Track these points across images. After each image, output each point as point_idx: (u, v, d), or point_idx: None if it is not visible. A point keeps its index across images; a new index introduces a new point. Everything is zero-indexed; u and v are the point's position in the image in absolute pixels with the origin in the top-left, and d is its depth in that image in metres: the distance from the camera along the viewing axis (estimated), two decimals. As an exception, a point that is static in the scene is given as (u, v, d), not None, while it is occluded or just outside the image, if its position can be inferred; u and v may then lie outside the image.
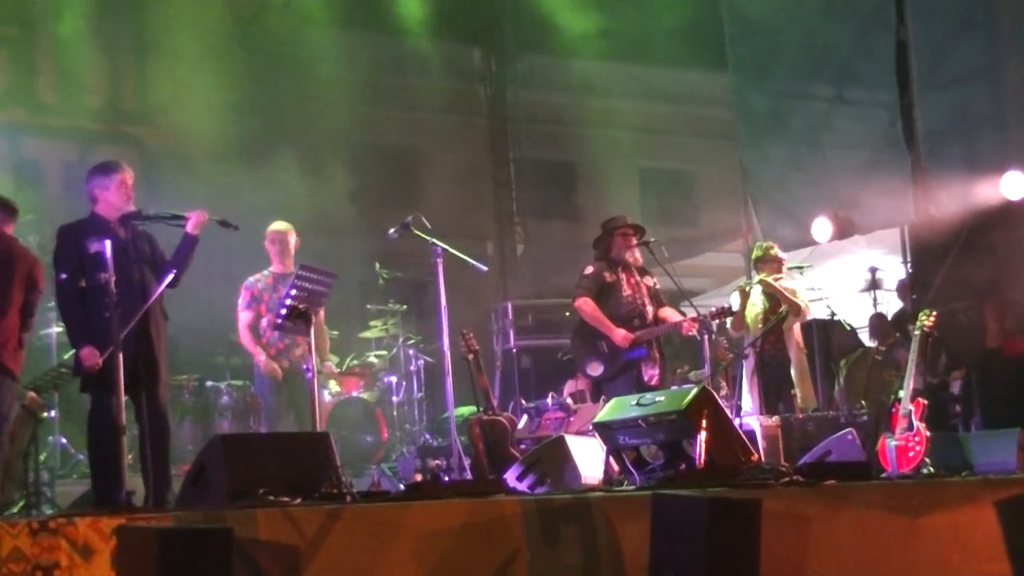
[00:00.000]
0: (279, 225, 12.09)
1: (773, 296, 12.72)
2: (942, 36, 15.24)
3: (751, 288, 12.86)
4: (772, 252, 13.10)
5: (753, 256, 13.35)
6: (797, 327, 12.81)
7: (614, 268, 11.93)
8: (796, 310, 12.60)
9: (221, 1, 17.40)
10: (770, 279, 12.80)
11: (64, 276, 9.12)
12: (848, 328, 15.49)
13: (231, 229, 9.65)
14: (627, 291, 11.88)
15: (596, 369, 11.81)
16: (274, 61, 17.98)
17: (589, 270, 11.96)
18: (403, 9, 19.48)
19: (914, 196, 15.32)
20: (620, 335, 11.66)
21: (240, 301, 11.90)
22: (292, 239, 11.97)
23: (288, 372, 11.65)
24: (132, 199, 9.39)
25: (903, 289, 15.96)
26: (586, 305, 11.81)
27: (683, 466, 9.12)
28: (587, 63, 21.40)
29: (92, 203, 9.43)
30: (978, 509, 8.30)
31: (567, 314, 13.99)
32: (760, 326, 12.66)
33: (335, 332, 13.51)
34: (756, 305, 12.82)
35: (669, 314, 12.00)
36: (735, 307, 12.48)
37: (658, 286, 12.16)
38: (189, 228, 9.42)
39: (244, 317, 11.89)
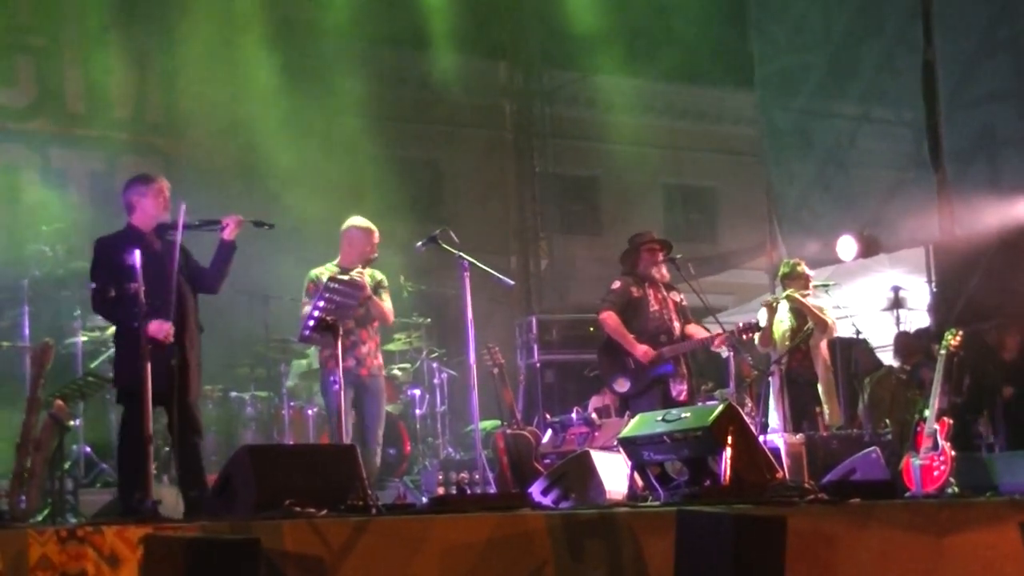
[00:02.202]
0: (365, 223, 11.35)
1: (801, 313, 12.68)
2: (968, 56, 15.26)
3: (778, 303, 12.82)
4: (799, 269, 13.06)
5: (780, 273, 13.30)
6: (824, 344, 12.78)
7: (641, 284, 11.89)
8: (823, 327, 12.55)
9: (248, 14, 17.46)
10: (797, 294, 12.77)
11: (103, 287, 9.17)
12: (871, 347, 15.46)
13: (266, 228, 9.64)
14: (654, 307, 11.84)
15: (623, 385, 11.79)
16: (301, 74, 18.02)
17: (616, 285, 11.93)
18: (429, 24, 19.52)
19: (939, 215, 15.32)
20: (642, 350, 11.62)
21: (304, 293, 11.15)
22: (375, 239, 11.25)
23: (354, 372, 10.92)
24: (168, 210, 9.41)
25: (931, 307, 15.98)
26: (610, 319, 11.78)
27: (708, 483, 9.11)
28: (612, 79, 21.47)
29: (128, 213, 9.48)
30: (1003, 530, 8.30)
31: (591, 329, 13.98)
32: (787, 343, 12.64)
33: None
34: (784, 322, 12.77)
35: (696, 330, 11.96)
36: (763, 323, 12.44)
37: (684, 302, 12.14)
38: (226, 235, 9.44)
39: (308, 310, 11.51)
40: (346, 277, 10.77)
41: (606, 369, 12.02)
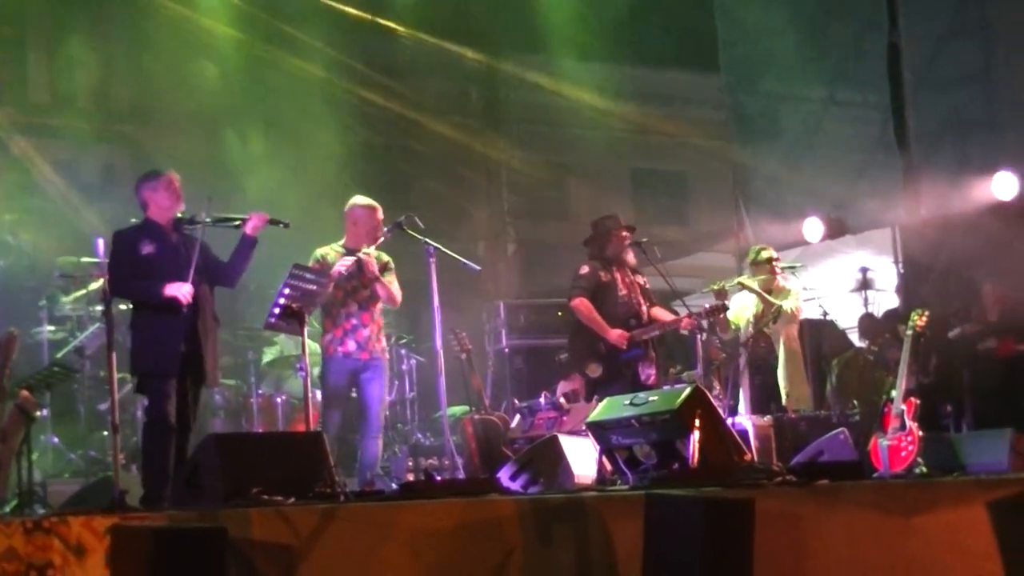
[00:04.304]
0: (367, 200, 11.25)
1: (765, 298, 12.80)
2: (934, 39, 15.31)
3: (724, 288, 12.89)
4: (763, 255, 13.15)
5: (748, 259, 13.39)
6: (789, 329, 12.86)
7: (608, 267, 11.87)
8: (771, 308, 12.68)
9: (215, 1, 17.40)
10: (749, 281, 12.88)
11: (118, 278, 9.35)
12: (839, 329, 15.51)
13: (282, 226, 9.81)
14: (623, 291, 11.83)
15: (595, 371, 11.75)
16: (269, 62, 17.96)
17: (584, 270, 11.88)
18: (396, 9, 19.47)
19: (905, 197, 15.37)
20: (616, 335, 11.61)
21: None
22: (379, 216, 11.15)
23: (354, 356, 10.86)
24: (182, 200, 9.52)
25: (898, 288, 16.03)
26: (582, 305, 11.74)
27: (676, 466, 9.12)
28: (579, 64, 21.41)
29: (144, 209, 9.58)
30: (971, 509, 8.34)
31: (559, 314, 13.97)
32: (751, 329, 12.74)
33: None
34: (748, 308, 12.87)
35: (661, 313, 11.98)
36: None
37: (648, 285, 12.15)
38: (249, 230, 9.60)
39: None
40: (315, 255, 10.79)
41: (578, 354, 11.99)
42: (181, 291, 9.15)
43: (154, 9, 17.14)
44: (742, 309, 12.90)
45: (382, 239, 11.07)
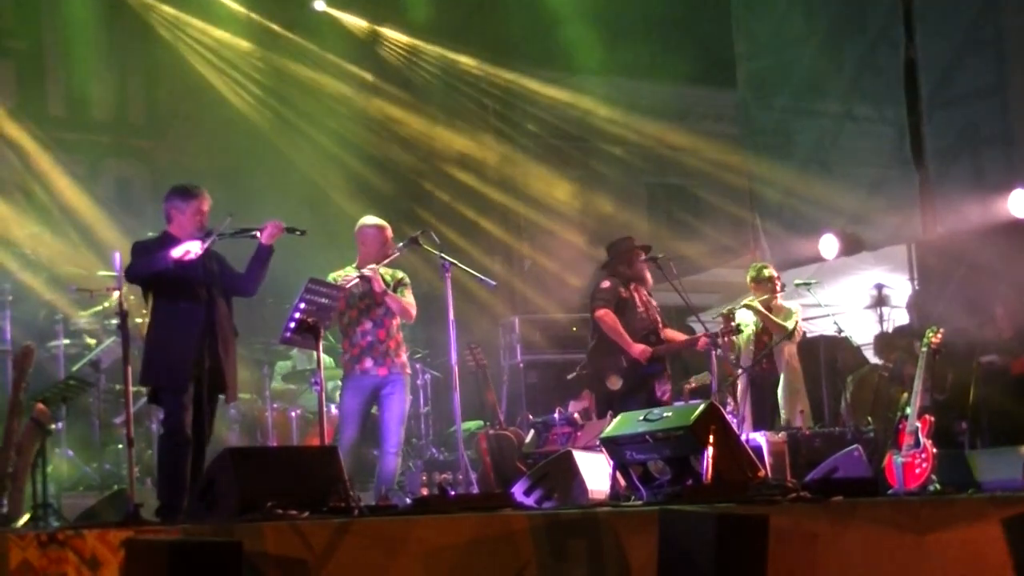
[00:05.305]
0: (376, 220, 11.39)
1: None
2: (950, 54, 15.25)
3: (733, 313, 12.91)
4: (765, 273, 13.16)
5: (748, 277, 13.40)
6: (790, 348, 12.85)
7: (627, 285, 11.99)
8: (780, 331, 12.68)
9: (230, 16, 17.45)
10: (756, 303, 12.88)
11: (130, 270, 9.33)
12: (854, 345, 15.48)
13: (298, 234, 9.79)
14: (640, 308, 11.96)
15: (615, 383, 11.78)
16: (283, 75, 18.02)
17: (607, 284, 12.00)
18: (412, 22, 19.52)
19: (921, 213, 15.32)
20: (639, 349, 11.72)
21: None
22: (388, 235, 11.29)
23: (371, 372, 10.94)
24: (205, 226, 9.50)
25: (913, 305, 15.99)
26: (607, 316, 11.82)
27: (690, 482, 9.12)
28: (595, 78, 21.44)
29: (167, 222, 9.59)
30: (985, 526, 8.30)
31: (574, 329, 13.95)
32: (752, 347, 12.76)
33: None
34: (749, 325, 12.88)
35: (672, 333, 12.17)
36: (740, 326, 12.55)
37: (658, 307, 12.24)
38: (264, 239, 9.57)
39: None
40: (328, 279, 10.79)
41: (599, 365, 12.02)
42: (188, 245, 9.14)
43: (170, 23, 17.20)
44: (743, 327, 12.90)
45: (394, 256, 11.09)
